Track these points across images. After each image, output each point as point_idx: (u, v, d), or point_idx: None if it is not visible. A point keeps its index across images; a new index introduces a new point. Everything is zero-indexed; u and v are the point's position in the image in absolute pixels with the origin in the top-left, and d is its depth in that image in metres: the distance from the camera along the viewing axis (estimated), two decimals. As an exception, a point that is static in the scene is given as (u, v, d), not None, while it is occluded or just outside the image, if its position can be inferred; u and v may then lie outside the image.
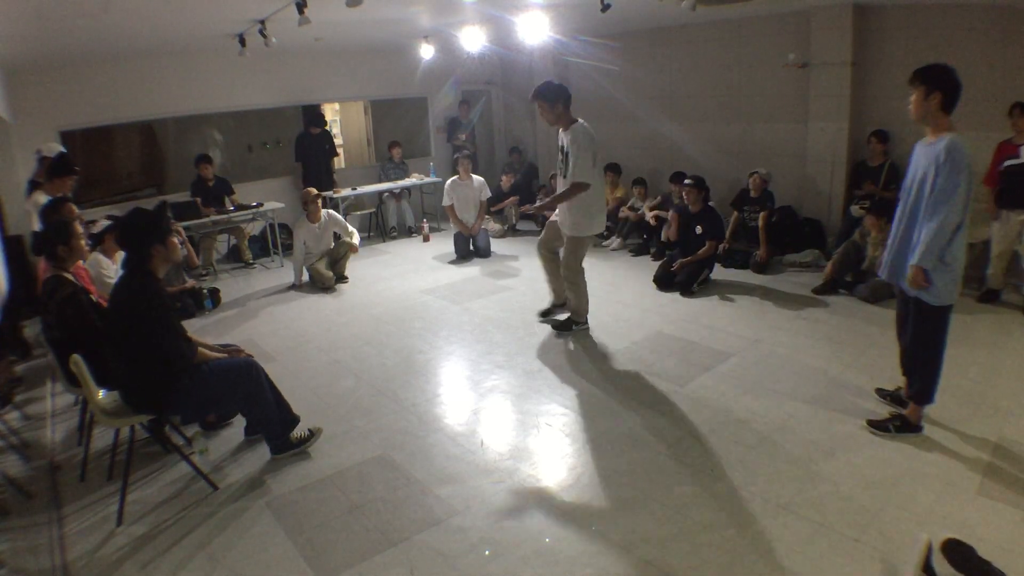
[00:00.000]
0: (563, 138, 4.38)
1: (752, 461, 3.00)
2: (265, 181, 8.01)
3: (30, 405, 4.16)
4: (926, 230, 2.83)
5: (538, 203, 4.51)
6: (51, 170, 4.47)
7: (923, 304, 2.98)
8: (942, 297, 2.91)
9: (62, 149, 5.08)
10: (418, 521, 2.71)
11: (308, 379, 4.20)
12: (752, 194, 6.18)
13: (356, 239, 6.47)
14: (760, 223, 6.04)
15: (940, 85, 2.78)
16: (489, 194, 7.34)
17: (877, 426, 3.18)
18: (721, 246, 6.07)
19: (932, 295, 2.92)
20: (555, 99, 4.28)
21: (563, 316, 4.84)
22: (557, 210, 4.61)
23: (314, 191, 6.45)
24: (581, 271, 4.59)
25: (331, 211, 6.62)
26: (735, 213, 6.29)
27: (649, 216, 6.76)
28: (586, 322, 4.75)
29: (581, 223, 4.43)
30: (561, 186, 4.47)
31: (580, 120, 4.35)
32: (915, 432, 3.13)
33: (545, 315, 5.05)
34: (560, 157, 4.44)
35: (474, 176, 7.21)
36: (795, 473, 2.89)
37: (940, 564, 2.13)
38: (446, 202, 7.10)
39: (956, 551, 2.12)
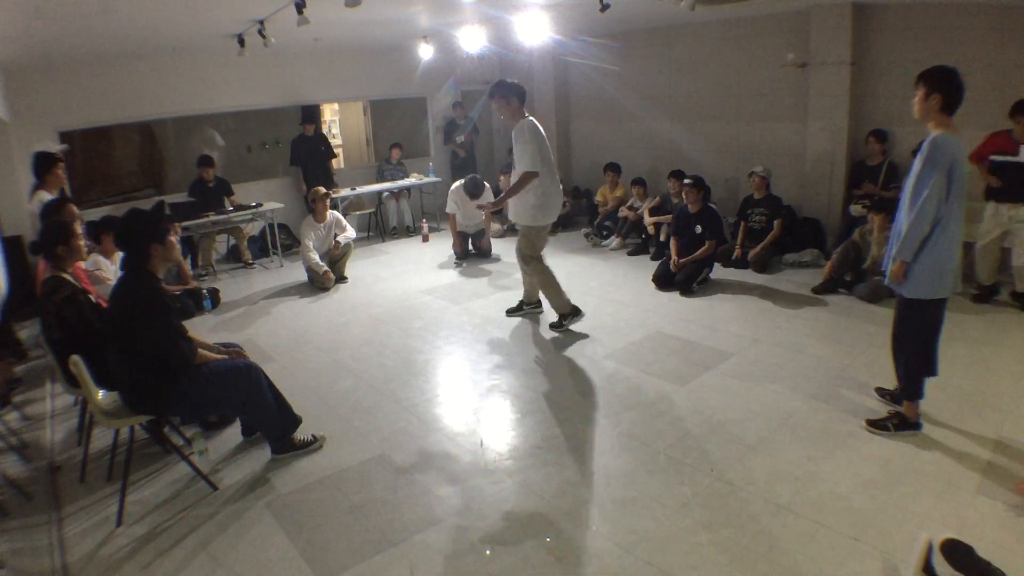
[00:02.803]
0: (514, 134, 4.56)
1: (752, 461, 3.01)
2: (264, 181, 8.01)
3: (30, 406, 4.16)
4: (905, 223, 2.91)
5: (494, 201, 4.62)
6: (36, 171, 4.47)
7: (903, 297, 3.04)
8: (917, 290, 2.95)
9: (48, 149, 5.03)
10: (418, 521, 2.71)
11: (308, 379, 4.20)
12: (755, 195, 6.16)
13: (342, 237, 6.41)
14: (776, 230, 5.96)
15: (940, 87, 2.81)
16: (492, 199, 7.29)
17: (876, 425, 3.19)
18: (735, 252, 6.06)
19: (907, 287, 2.97)
20: (510, 95, 4.44)
21: (537, 311, 5.13)
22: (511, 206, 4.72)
23: (322, 190, 6.46)
24: (542, 260, 4.69)
25: (337, 212, 6.63)
26: (743, 223, 6.21)
27: (648, 223, 6.76)
28: (572, 313, 4.74)
29: (536, 213, 4.54)
30: (514, 178, 4.61)
31: (529, 117, 4.51)
32: (914, 429, 3.14)
33: (512, 312, 5.18)
34: (514, 150, 4.62)
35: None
36: (795, 473, 2.89)
37: (940, 564, 2.13)
38: (449, 210, 7.05)
39: (955, 551, 2.13)
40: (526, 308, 5.18)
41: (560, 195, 4.71)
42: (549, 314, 5.05)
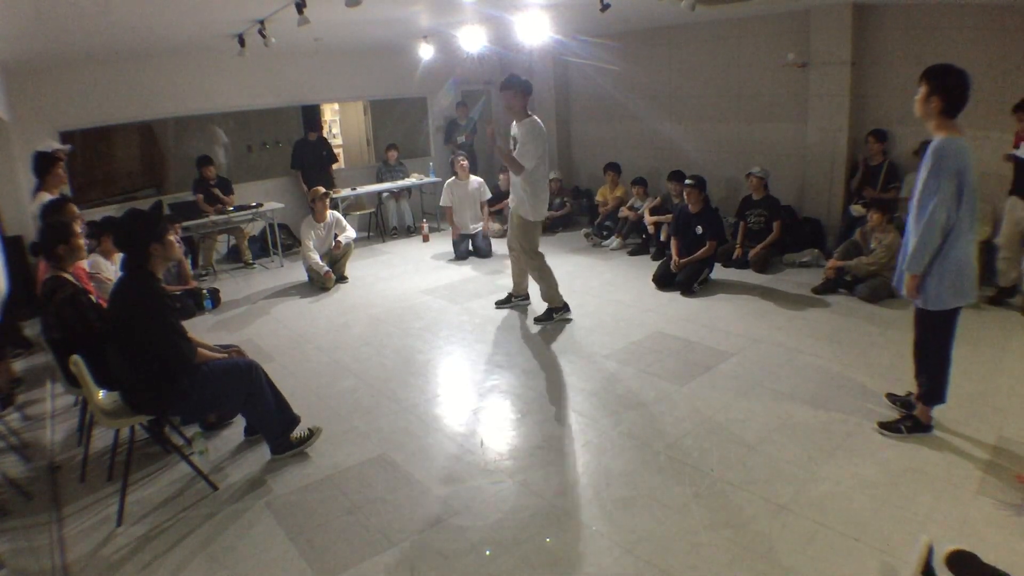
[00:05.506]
0: (515, 129, 4.71)
1: (752, 461, 3.00)
2: (265, 181, 8.01)
3: (30, 406, 4.16)
4: (914, 236, 2.81)
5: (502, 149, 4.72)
6: (37, 170, 4.47)
7: (919, 308, 2.97)
8: (934, 302, 2.87)
9: (49, 149, 5.03)
10: (418, 521, 2.71)
11: (308, 379, 4.20)
12: (754, 196, 6.15)
13: (343, 237, 6.42)
14: (775, 232, 5.96)
15: (941, 90, 2.67)
16: (489, 195, 7.34)
17: (889, 427, 3.15)
18: (735, 252, 6.06)
19: (923, 299, 2.90)
20: (522, 90, 4.61)
21: (525, 303, 5.30)
22: (512, 201, 4.97)
23: (322, 189, 6.47)
24: (542, 255, 4.90)
25: (336, 212, 6.63)
26: (741, 223, 6.21)
27: (649, 222, 6.76)
28: (566, 307, 4.96)
29: (536, 208, 4.78)
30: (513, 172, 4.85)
31: (534, 116, 4.67)
32: (925, 432, 3.11)
33: (501, 304, 5.34)
34: (512, 145, 4.77)
35: (472, 177, 7.20)
36: (795, 473, 2.89)
37: (941, 569, 2.12)
38: (444, 202, 7.13)
39: (961, 562, 2.08)
40: (514, 300, 5.28)
41: (547, 194, 4.97)
42: (539, 309, 5.07)
